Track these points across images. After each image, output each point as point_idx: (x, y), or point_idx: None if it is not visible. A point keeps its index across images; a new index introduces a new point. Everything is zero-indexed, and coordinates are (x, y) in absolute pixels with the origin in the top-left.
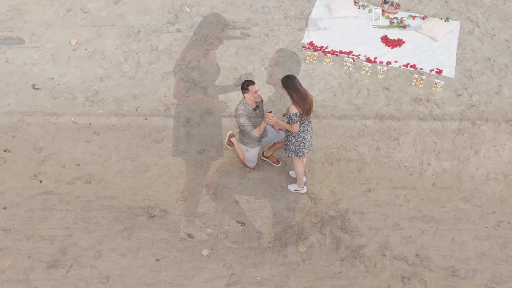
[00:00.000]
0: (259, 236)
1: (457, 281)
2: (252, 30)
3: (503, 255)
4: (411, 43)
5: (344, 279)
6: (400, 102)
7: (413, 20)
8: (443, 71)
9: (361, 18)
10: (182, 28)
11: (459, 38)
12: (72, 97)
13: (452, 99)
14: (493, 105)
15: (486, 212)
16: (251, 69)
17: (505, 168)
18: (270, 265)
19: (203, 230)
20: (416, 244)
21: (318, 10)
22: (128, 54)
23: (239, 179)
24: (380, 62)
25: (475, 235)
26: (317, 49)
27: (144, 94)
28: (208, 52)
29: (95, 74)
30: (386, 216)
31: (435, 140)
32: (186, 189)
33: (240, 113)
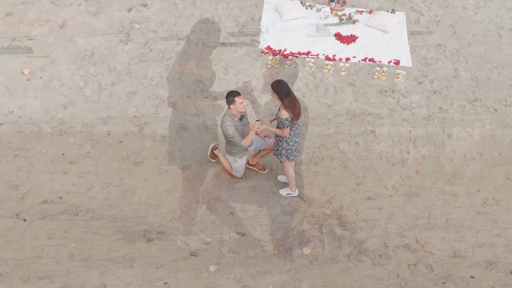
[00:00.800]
0: (262, 245)
1: (459, 260)
2: (207, 40)
3: (496, 231)
4: (364, 37)
5: (354, 275)
6: (368, 96)
7: (361, 15)
8: (400, 62)
9: (311, 18)
10: (136, 46)
11: (407, 28)
12: (38, 129)
13: (415, 87)
14: (454, 89)
15: (471, 192)
16: (215, 80)
17: (478, 147)
18: (279, 271)
19: (201, 240)
20: (414, 230)
21: (267, 14)
22: (86, 78)
23: (229, 191)
24: (340, 59)
25: (466, 214)
26: (276, 53)
27: (113, 117)
28: (169, 67)
29: (56, 102)
30: (380, 208)
31: (408, 128)
32: (178, 208)
33: (227, 125)
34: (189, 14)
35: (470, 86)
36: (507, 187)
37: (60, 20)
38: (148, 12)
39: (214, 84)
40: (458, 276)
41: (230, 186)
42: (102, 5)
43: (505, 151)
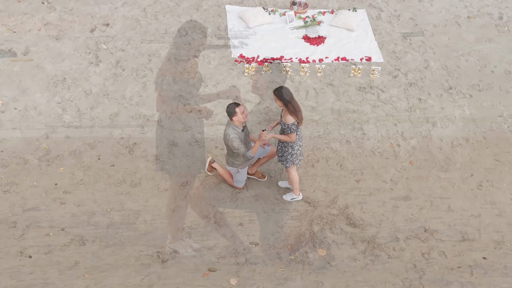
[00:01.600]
0: (277, 252)
1: (469, 244)
2: (178, 54)
3: (497, 211)
4: (332, 37)
5: (373, 270)
6: (348, 94)
7: (324, 15)
8: (372, 58)
9: (276, 23)
10: (108, 66)
11: (370, 25)
12: (23, 162)
13: (391, 81)
14: (428, 80)
15: (465, 176)
16: (195, 93)
17: (461, 133)
18: (300, 276)
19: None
20: (420, 220)
21: (232, 22)
22: (63, 104)
23: (233, 202)
24: (313, 60)
25: (465, 198)
26: (250, 61)
27: (99, 141)
28: (146, 85)
29: (37, 132)
30: (383, 202)
31: (394, 122)
32: (186, 225)
33: (232, 137)
34: (154, 29)
35: (442, 75)
36: (497, 169)
37: (22, 48)
38: (112, 31)
39: (195, 97)
40: (471, 259)
41: (233, 197)
42: (63, 28)
43: (488, 134)
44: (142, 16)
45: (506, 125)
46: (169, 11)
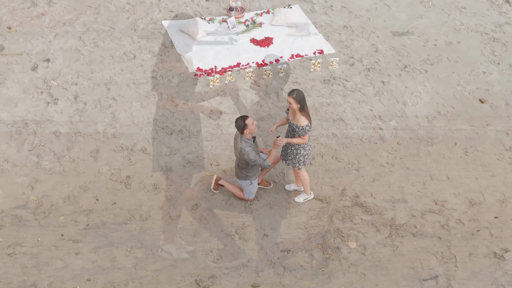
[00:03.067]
0: (310, 254)
1: (478, 207)
2: (135, 78)
3: (489, 172)
4: (278, 37)
5: (405, 251)
6: (316, 89)
7: (261, 16)
8: (324, 50)
9: (220, 31)
10: (68, 103)
11: (309, 18)
12: (17, 219)
13: (350, 70)
14: (382, 62)
15: (450, 146)
16: (168, 114)
17: (432, 107)
18: (341, 272)
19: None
20: (427, 195)
21: (176, 37)
22: (36, 150)
23: (249, 215)
24: (270, 62)
25: (458, 166)
26: (209, 73)
27: (90, 181)
28: (115, 115)
29: (20, 185)
30: (388, 185)
31: (368, 107)
32: (213, 247)
33: (248, 150)
34: (99, 57)
35: (393, 56)
36: (475, 134)
37: None
38: (56, 66)
39: (170, 118)
40: (485, 221)
41: (247, 210)
42: (1, 71)
43: (455, 104)
44: (81, 45)
45: (467, 92)
46: (107, 36)
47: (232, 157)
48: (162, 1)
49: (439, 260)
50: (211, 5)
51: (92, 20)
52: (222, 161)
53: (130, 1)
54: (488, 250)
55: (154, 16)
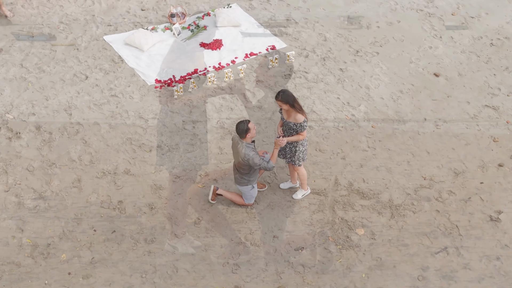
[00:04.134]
0: (324, 247)
1: (463, 176)
2: (95, 99)
3: (463, 141)
4: (226, 38)
5: (411, 229)
6: (280, 85)
7: (204, 19)
8: (275, 46)
9: (166, 39)
10: (31, 135)
11: (251, 15)
12: (16, 266)
13: (307, 61)
14: (334, 50)
15: (420, 122)
16: (141, 131)
17: (393, 87)
18: (358, 260)
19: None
20: (414, 171)
21: (124, 51)
22: (13, 190)
23: (253, 220)
24: (227, 64)
25: (433, 140)
26: (169, 83)
27: (81, 213)
28: (85, 140)
29: (7, 229)
30: (376, 168)
31: (334, 96)
32: (228, 258)
33: (252, 155)
34: (49, 82)
35: (343, 43)
36: (439, 106)
37: None
38: (5, 98)
39: (144, 135)
40: (473, 188)
41: (250, 216)
42: None
43: (413, 81)
44: (25, 72)
45: (420, 68)
46: (50, 59)
47: (219, 165)
48: (96, 16)
49: (443, 232)
50: (148, 14)
51: (28, 45)
52: (209, 170)
53: (63, 20)
54: (483, 214)
55: (93, 32)
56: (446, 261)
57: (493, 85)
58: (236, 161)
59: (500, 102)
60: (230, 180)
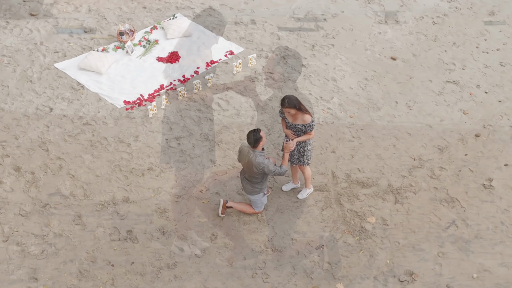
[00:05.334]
0: (343, 241)
1: (447, 150)
2: (68, 130)
3: (437, 118)
4: (182, 49)
5: (417, 211)
6: (250, 89)
7: (152, 33)
8: (233, 50)
9: (121, 59)
10: (12, 178)
11: (198, 23)
12: None
13: (268, 63)
14: (291, 48)
15: (393, 106)
16: (127, 156)
17: (358, 76)
18: (379, 248)
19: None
20: (402, 153)
21: (82, 77)
22: (12, 238)
23: (266, 226)
24: (191, 75)
25: (409, 118)
26: (139, 103)
27: (93, 250)
28: (72, 174)
29: (19, 282)
30: (366, 156)
31: (306, 92)
32: (255, 268)
33: (266, 163)
34: (12, 120)
35: (297, 39)
36: (406, 88)
37: None
38: None
39: (131, 160)
40: (459, 160)
41: (262, 223)
42: None
43: (374, 67)
44: None
45: (377, 54)
46: (5, 95)
47: (216, 177)
48: (39, 45)
49: (446, 207)
50: (94, 36)
51: None
52: (208, 184)
53: (5, 53)
54: (477, 184)
55: (41, 61)
56: (458, 233)
57: (447, 61)
58: (248, 172)
59: (459, 76)
60: (232, 191)
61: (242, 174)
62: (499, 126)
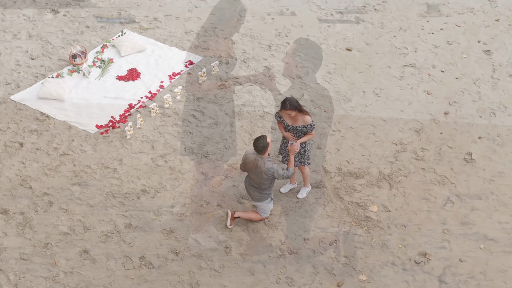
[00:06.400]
0: (353, 233)
1: (424, 132)
2: (46, 163)
3: (406, 102)
4: (140, 65)
5: (413, 193)
6: (221, 96)
7: (104, 52)
8: (192, 60)
9: (80, 82)
10: (2, 223)
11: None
12: None
13: (230, 67)
14: (249, 50)
15: (362, 95)
16: (116, 182)
17: (320, 71)
18: (387, 234)
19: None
20: (384, 140)
21: (44, 107)
22: (21, 284)
23: (276, 230)
24: (157, 90)
25: (380, 108)
26: (113, 125)
27: (110, 282)
28: (65, 209)
29: None
30: (351, 148)
31: (275, 93)
32: (278, 274)
33: (275, 167)
34: None
35: (251, 42)
36: (368, 76)
37: None
38: None
39: (121, 185)
40: (437, 139)
41: (271, 228)
42: None
43: (333, 60)
44: None
45: (332, 47)
46: None
47: (213, 190)
48: None
49: (438, 185)
50: (43, 62)
51: None
52: (209, 198)
53: None
54: (459, 159)
55: None
56: (456, 209)
57: (398, 46)
58: (256, 180)
59: (414, 59)
60: (232, 201)
61: (248, 183)
62: (463, 102)
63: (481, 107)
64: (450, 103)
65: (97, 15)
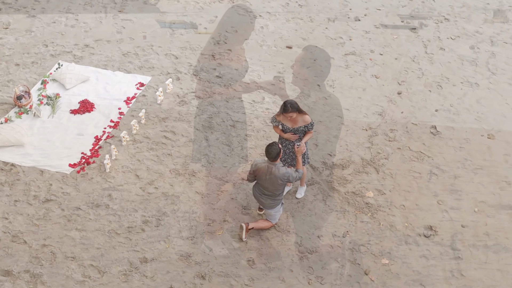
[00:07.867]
0: (361, 221)
1: (387, 114)
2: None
3: (363, 90)
4: (90, 95)
5: (398, 171)
6: (185, 113)
7: (46, 89)
8: (142, 81)
9: (34, 123)
10: (8, 285)
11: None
12: None
13: (183, 82)
14: (194, 62)
15: (316, 87)
16: (113, 218)
17: (272, 72)
18: (391, 216)
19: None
20: (353, 128)
21: (5, 155)
22: None
23: (288, 235)
24: (119, 118)
25: (352, 98)
26: (87, 162)
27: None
28: (73, 257)
29: None
30: (327, 141)
31: (236, 100)
32: (302, 276)
33: (289, 171)
34: None
35: (193, 54)
36: (317, 70)
37: None
38: None
39: (120, 220)
40: (400, 119)
41: (283, 233)
42: None
43: (278, 59)
44: None
45: (273, 47)
46: None
47: (214, 207)
48: None
49: (417, 161)
50: None
51: None
52: (213, 216)
53: None
54: (426, 134)
55: None
56: (441, 181)
57: (333, 36)
58: (270, 187)
59: (351, 47)
60: (237, 214)
61: (259, 192)
62: (410, 80)
63: (427, 82)
64: (399, 82)
65: (23, 52)
